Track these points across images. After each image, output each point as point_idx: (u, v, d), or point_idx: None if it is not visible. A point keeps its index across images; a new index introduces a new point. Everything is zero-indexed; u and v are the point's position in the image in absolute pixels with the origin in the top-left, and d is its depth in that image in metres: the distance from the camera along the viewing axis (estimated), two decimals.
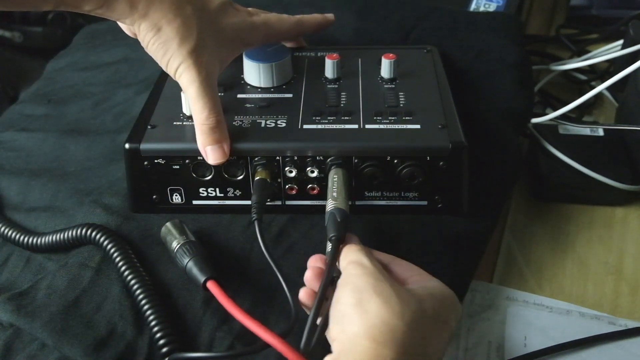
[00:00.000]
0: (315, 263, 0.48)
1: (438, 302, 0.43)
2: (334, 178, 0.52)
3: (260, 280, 0.52)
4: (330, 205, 0.50)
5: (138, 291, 0.50)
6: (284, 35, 0.63)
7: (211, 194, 0.56)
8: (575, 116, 0.80)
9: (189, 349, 0.48)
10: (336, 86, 0.61)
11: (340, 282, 0.44)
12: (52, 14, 0.96)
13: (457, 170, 0.54)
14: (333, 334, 0.42)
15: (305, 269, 0.52)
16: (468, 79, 0.70)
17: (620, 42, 0.79)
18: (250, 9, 0.62)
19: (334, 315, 0.42)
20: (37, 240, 0.55)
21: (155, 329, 0.48)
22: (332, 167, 0.53)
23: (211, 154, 0.53)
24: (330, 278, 0.45)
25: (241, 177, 0.55)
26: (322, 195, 0.55)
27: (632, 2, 0.94)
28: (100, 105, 0.73)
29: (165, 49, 0.52)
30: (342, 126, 0.56)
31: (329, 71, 0.62)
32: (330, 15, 0.67)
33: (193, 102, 0.53)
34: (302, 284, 0.51)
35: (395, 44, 0.73)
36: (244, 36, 0.58)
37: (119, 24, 0.57)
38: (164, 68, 0.54)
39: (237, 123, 0.56)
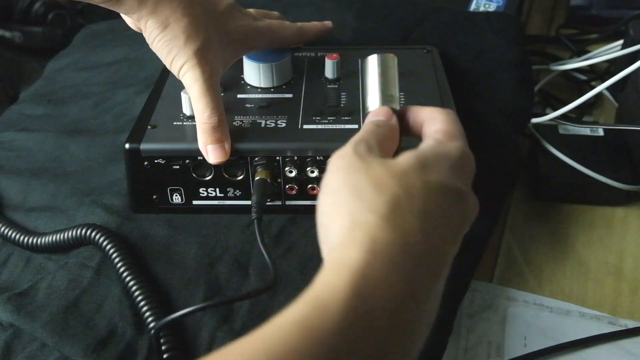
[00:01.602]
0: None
1: (435, 171, 0.36)
2: None
3: (260, 279, 0.52)
4: None
5: (137, 292, 0.50)
6: (285, 42, 0.64)
7: (211, 194, 0.56)
8: (575, 116, 0.80)
9: (188, 349, 0.48)
10: (336, 86, 0.61)
11: (321, 183, 0.39)
12: (52, 14, 0.96)
13: None
14: (323, 249, 0.37)
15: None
16: (468, 79, 0.70)
17: (620, 42, 0.79)
18: (253, 12, 0.63)
19: (319, 226, 0.37)
20: (37, 241, 0.55)
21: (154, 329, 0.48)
22: None
23: (212, 153, 0.53)
24: None
25: (241, 177, 0.55)
26: None
27: (632, 2, 0.94)
28: (100, 105, 0.73)
29: (171, 46, 0.52)
30: (342, 126, 0.56)
31: (329, 71, 0.62)
32: (328, 23, 0.67)
33: (196, 101, 0.53)
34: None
35: (395, 44, 0.73)
36: (248, 39, 0.59)
37: (124, 17, 0.57)
38: (167, 66, 0.54)
39: (237, 123, 0.56)
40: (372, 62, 0.45)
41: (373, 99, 0.44)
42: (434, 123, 0.41)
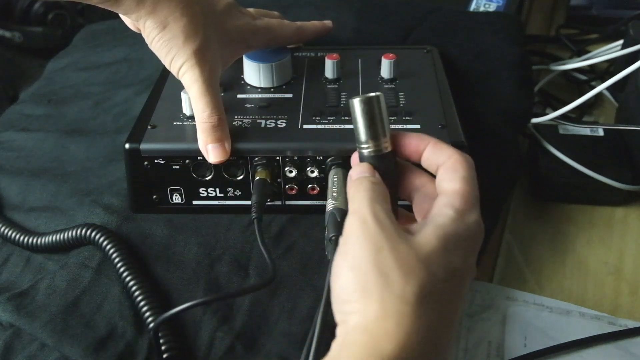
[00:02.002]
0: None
1: (458, 255, 0.38)
2: (334, 178, 0.52)
3: (260, 279, 0.52)
4: (330, 205, 0.49)
5: (136, 292, 0.50)
6: (285, 41, 0.64)
7: (211, 194, 0.56)
8: (575, 116, 0.80)
9: (188, 349, 0.48)
10: (336, 86, 0.61)
11: (340, 245, 0.39)
12: (52, 14, 0.96)
13: None
14: (338, 319, 0.38)
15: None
16: (468, 79, 0.70)
17: (620, 42, 0.79)
18: (253, 11, 0.63)
19: (335, 295, 0.38)
20: (37, 240, 0.55)
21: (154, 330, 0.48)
22: (332, 167, 0.53)
23: (212, 153, 0.53)
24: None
25: (241, 177, 0.55)
26: (322, 195, 0.55)
27: (632, 2, 0.94)
28: (100, 105, 0.73)
29: (170, 46, 0.52)
30: (342, 126, 0.56)
31: (329, 71, 0.62)
32: (328, 23, 0.67)
33: (195, 101, 0.53)
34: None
35: (395, 44, 0.73)
36: (247, 39, 0.59)
37: (123, 18, 0.57)
38: (166, 65, 0.54)
39: (237, 123, 0.56)
40: (355, 108, 0.42)
41: (360, 148, 0.43)
42: (454, 178, 0.41)
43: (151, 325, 0.48)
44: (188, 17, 0.52)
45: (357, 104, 0.42)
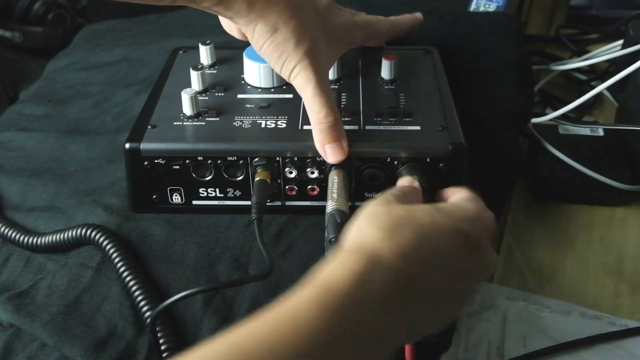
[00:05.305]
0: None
1: (444, 213, 0.42)
2: (334, 179, 0.52)
3: (258, 273, 0.52)
4: (330, 206, 0.50)
5: (136, 291, 0.50)
6: (381, 36, 0.64)
7: (211, 194, 0.56)
8: (575, 116, 0.80)
9: (188, 349, 0.48)
10: (336, 87, 0.61)
11: None
12: (52, 14, 0.96)
13: (457, 172, 0.54)
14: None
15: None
16: (468, 79, 0.70)
17: (620, 42, 0.79)
18: (349, 9, 0.63)
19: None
20: (37, 240, 0.55)
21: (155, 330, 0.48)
22: (332, 168, 0.53)
23: (331, 152, 0.52)
24: None
25: (241, 177, 0.55)
26: (322, 196, 0.55)
27: (632, 2, 0.94)
28: (100, 105, 0.73)
29: (281, 50, 0.51)
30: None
31: (330, 72, 0.62)
32: (419, 15, 0.68)
33: (310, 102, 0.52)
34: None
35: (395, 44, 0.73)
36: (349, 35, 0.59)
37: (223, 23, 0.57)
38: (277, 70, 0.53)
39: (237, 123, 0.56)
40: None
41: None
42: (460, 192, 0.48)
43: (149, 318, 0.48)
44: (297, 19, 0.51)
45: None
